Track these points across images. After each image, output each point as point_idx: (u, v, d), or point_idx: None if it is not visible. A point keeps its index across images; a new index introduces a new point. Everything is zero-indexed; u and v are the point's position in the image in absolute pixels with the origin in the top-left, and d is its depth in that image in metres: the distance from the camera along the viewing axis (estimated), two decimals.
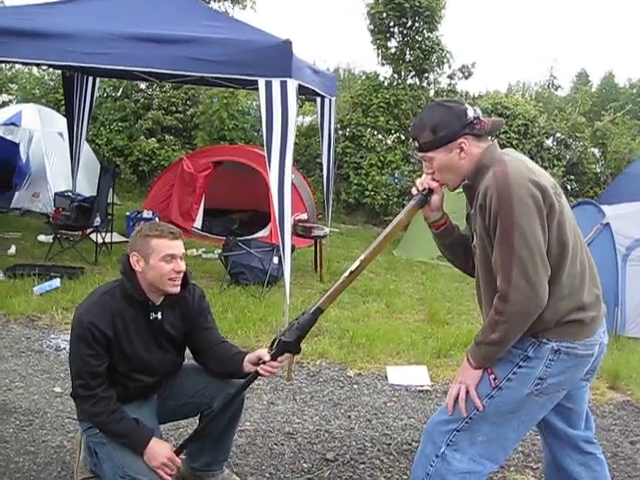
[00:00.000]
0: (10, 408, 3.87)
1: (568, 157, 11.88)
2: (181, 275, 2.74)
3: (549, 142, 12.10)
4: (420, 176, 2.51)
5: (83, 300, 2.84)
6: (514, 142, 11.31)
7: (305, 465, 3.48)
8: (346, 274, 2.51)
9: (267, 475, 3.35)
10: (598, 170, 12.18)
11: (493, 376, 2.30)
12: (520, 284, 2.15)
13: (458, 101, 2.41)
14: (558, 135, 12.12)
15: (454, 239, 2.56)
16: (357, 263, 2.49)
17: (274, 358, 2.69)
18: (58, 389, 4.16)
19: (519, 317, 2.19)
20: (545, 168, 11.52)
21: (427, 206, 2.49)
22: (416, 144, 2.40)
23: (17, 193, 10.02)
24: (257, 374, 2.74)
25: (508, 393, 2.30)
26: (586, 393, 2.59)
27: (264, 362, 2.70)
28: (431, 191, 2.45)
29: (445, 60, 12.17)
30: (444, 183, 2.43)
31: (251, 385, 2.88)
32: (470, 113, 2.31)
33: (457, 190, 2.49)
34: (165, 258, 2.67)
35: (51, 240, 7.78)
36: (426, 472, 2.37)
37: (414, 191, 2.49)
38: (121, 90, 13.66)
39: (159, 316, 2.80)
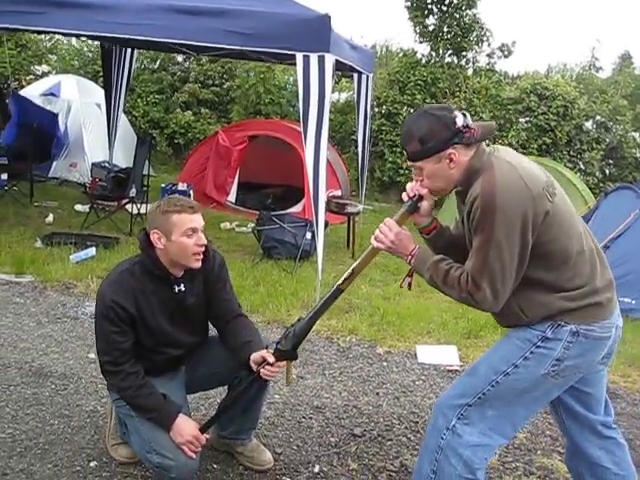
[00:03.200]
0: (46, 372, 3.97)
1: (608, 140, 11.65)
2: (203, 249, 2.74)
3: (589, 125, 11.87)
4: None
5: (105, 277, 2.85)
6: (552, 124, 11.12)
7: (332, 439, 3.51)
8: (339, 282, 2.53)
9: (295, 447, 3.39)
10: (638, 155, 11.94)
11: None
12: (485, 291, 2.20)
13: (447, 108, 2.33)
14: (598, 118, 11.87)
15: (446, 241, 2.53)
16: (349, 271, 2.51)
17: (274, 363, 2.71)
18: (92, 355, 4.23)
19: (464, 303, 2.29)
20: (583, 151, 11.36)
21: (417, 212, 2.47)
22: (405, 153, 2.38)
23: (55, 163, 10.19)
24: (259, 377, 2.74)
25: (524, 372, 2.30)
26: (604, 377, 2.57)
27: (267, 364, 2.70)
28: (421, 197, 2.43)
29: (484, 38, 11.98)
30: (434, 191, 2.41)
31: None
32: (459, 121, 2.24)
33: None
34: (187, 233, 2.67)
35: (87, 210, 7.92)
36: (437, 444, 2.40)
37: (405, 197, 2.47)
38: (158, 62, 13.73)
39: (182, 288, 2.81)
